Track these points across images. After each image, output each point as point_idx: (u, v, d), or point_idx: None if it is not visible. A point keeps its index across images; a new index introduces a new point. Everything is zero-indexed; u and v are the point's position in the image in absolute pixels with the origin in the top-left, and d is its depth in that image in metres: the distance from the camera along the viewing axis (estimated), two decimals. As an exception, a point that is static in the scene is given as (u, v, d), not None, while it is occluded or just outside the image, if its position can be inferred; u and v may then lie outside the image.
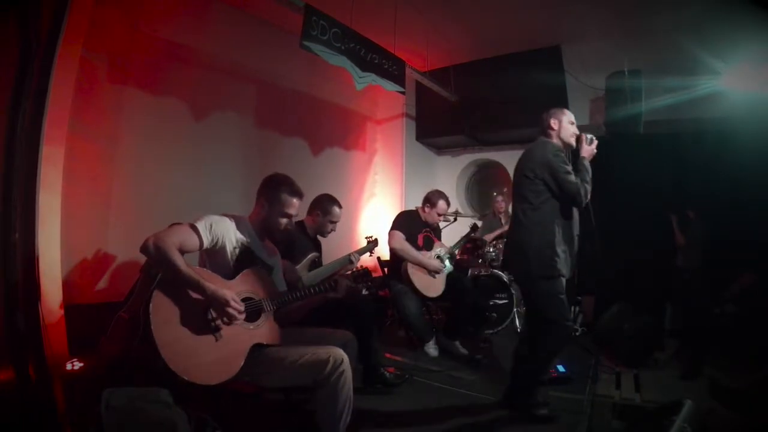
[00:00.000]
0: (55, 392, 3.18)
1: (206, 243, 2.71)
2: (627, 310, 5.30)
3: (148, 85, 4.76)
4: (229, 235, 2.83)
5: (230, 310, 2.53)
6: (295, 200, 3.02)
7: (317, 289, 3.02)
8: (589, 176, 3.59)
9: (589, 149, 3.69)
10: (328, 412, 2.67)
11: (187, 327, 2.50)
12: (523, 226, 3.66)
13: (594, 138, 3.73)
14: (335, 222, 4.47)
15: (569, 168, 3.54)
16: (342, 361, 2.67)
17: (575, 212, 3.73)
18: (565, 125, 3.76)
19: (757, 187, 5.44)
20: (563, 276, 3.58)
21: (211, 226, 2.75)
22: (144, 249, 2.52)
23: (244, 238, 2.91)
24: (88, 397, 2.60)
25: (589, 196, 3.58)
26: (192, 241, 2.67)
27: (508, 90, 7.29)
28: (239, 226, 2.92)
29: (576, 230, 3.74)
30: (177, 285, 2.52)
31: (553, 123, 3.78)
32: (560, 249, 3.56)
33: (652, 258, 6.67)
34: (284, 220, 3.03)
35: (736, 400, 3.85)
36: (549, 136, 3.79)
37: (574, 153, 3.74)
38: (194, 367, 2.43)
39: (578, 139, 3.74)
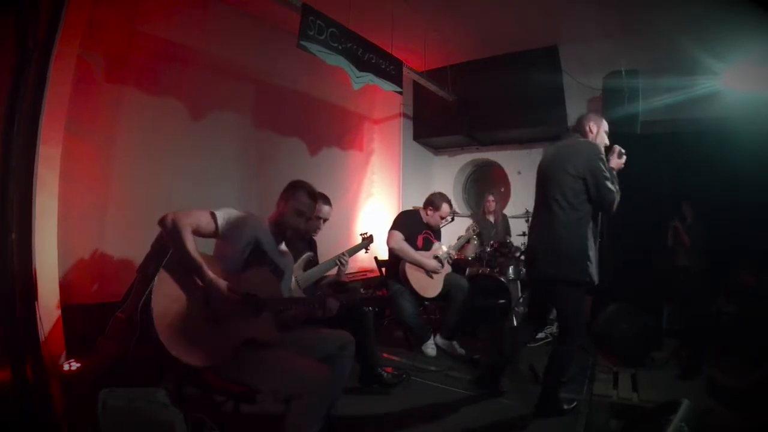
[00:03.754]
0: (52, 393, 3.17)
1: (221, 231, 2.77)
2: (625, 310, 5.30)
3: (146, 84, 4.75)
4: (246, 231, 2.88)
5: (221, 303, 2.58)
6: (308, 200, 3.07)
7: (306, 303, 3.04)
8: (618, 188, 3.53)
9: (618, 162, 3.67)
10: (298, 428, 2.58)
11: (186, 305, 2.54)
12: (557, 224, 3.58)
13: (624, 152, 3.70)
14: (321, 218, 4.37)
15: (609, 174, 3.50)
16: (325, 382, 2.60)
17: (599, 219, 3.68)
18: (602, 133, 3.77)
19: (756, 187, 5.45)
20: (594, 282, 3.54)
21: (230, 217, 2.81)
22: (161, 222, 2.62)
23: (260, 238, 2.95)
24: (85, 398, 2.60)
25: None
26: (208, 226, 2.74)
27: (505, 90, 7.31)
28: (257, 226, 2.98)
29: (598, 237, 3.69)
30: (183, 265, 2.57)
31: (592, 127, 3.76)
32: (592, 254, 3.52)
33: (650, 257, 6.68)
34: (300, 219, 3.05)
35: (734, 399, 3.85)
36: (585, 138, 3.75)
37: None
38: (188, 347, 2.45)
39: (610, 150, 3.71)
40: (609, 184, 3.45)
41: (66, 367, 3.38)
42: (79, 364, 3.42)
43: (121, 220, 4.47)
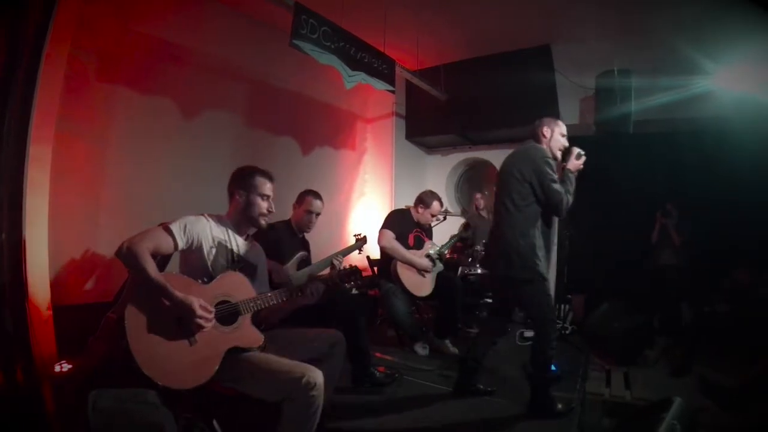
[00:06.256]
0: (43, 394, 3.15)
1: (181, 244, 2.68)
2: (617, 309, 5.33)
3: (138, 83, 4.73)
4: (206, 234, 2.80)
5: (197, 320, 2.50)
6: (268, 182, 2.99)
7: (289, 295, 2.94)
8: (572, 188, 3.68)
9: (576, 163, 3.78)
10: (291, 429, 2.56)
11: (160, 331, 2.49)
12: (505, 226, 3.72)
13: (583, 153, 3.80)
14: (312, 212, 4.40)
15: (556, 177, 3.61)
16: (315, 384, 2.52)
17: (555, 221, 3.84)
18: (557, 136, 3.84)
19: (749, 187, 5.48)
20: (544, 278, 3.64)
21: (185, 226, 2.72)
22: (118, 253, 2.52)
23: (222, 237, 2.88)
24: (76, 399, 2.58)
25: (568, 207, 3.65)
26: (166, 244, 2.65)
27: (498, 89, 7.30)
28: (217, 225, 2.89)
29: (554, 238, 3.81)
30: (149, 291, 2.50)
31: (546, 131, 3.84)
32: (540, 253, 3.63)
33: (643, 257, 6.71)
34: (264, 203, 2.96)
35: (726, 397, 3.87)
36: (539, 142, 3.83)
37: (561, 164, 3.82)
38: (168, 371, 2.44)
39: (568, 152, 3.82)
40: (555, 186, 3.57)
41: (57, 368, 3.35)
42: (70, 366, 3.40)
43: (113, 220, 4.44)
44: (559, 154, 3.84)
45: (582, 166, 3.80)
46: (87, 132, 4.33)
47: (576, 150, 3.80)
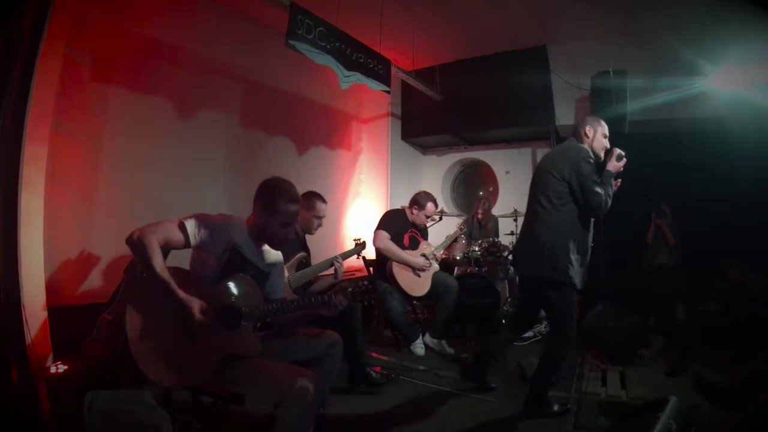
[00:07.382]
0: (39, 395, 3.14)
1: (193, 242, 2.62)
2: (613, 309, 5.33)
3: (133, 83, 4.71)
4: (220, 237, 2.72)
5: (196, 323, 2.46)
6: (293, 208, 2.84)
7: (305, 302, 2.83)
8: (612, 191, 3.55)
9: (617, 165, 3.63)
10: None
11: (160, 329, 2.48)
12: (539, 226, 3.62)
13: (624, 155, 3.66)
14: (320, 217, 4.38)
15: (597, 178, 3.51)
16: (310, 389, 2.49)
17: (591, 224, 3.69)
18: (599, 136, 3.72)
19: (743, 186, 5.49)
20: (575, 285, 3.53)
21: (200, 225, 2.66)
22: (128, 240, 2.50)
23: (237, 242, 2.78)
24: (72, 400, 2.57)
25: (607, 210, 3.53)
26: (177, 239, 2.60)
27: (493, 89, 7.33)
28: (233, 229, 2.80)
29: (590, 242, 3.69)
30: (153, 285, 2.48)
31: (589, 131, 3.72)
32: (573, 256, 3.51)
33: (638, 256, 6.72)
34: (287, 231, 2.88)
35: (722, 396, 3.88)
36: (581, 142, 3.72)
37: (600, 165, 3.68)
38: (166, 369, 2.42)
39: (608, 153, 3.71)
40: (595, 187, 3.45)
41: (53, 369, 3.34)
42: (66, 367, 3.38)
43: (108, 220, 4.40)
44: (601, 155, 3.73)
45: (622, 169, 3.67)
46: (81, 132, 4.31)
47: (617, 151, 3.66)
